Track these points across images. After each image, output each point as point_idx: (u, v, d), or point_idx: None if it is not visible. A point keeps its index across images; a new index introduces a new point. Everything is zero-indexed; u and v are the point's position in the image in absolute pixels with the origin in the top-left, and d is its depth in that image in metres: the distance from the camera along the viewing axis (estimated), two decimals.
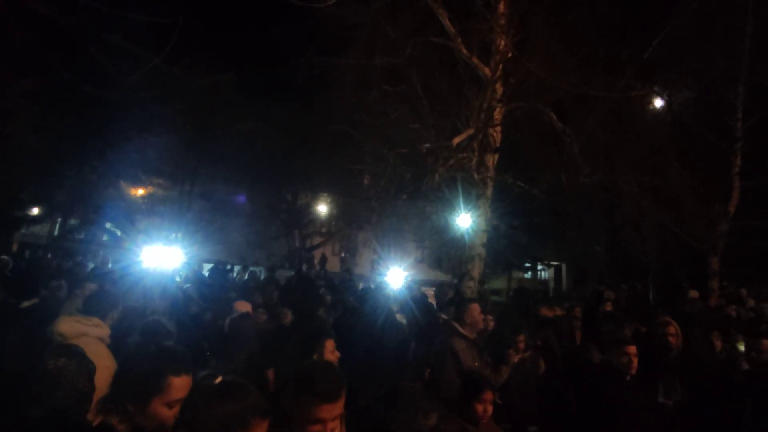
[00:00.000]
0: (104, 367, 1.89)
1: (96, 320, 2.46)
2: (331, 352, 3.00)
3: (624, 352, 3.17)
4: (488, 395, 2.77)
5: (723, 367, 4.35)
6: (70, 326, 2.31)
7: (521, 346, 4.22)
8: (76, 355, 1.77)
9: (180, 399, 1.59)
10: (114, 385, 1.62)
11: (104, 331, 2.46)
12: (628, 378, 3.17)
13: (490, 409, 2.78)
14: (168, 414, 1.57)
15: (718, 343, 4.65)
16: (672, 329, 4.36)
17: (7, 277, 7.35)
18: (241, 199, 20.58)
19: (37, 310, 3.64)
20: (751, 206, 11.28)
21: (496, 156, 9.82)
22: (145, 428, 1.55)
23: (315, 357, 2.95)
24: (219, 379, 1.48)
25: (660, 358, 4.05)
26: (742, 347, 4.79)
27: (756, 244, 11.19)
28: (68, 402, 1.63)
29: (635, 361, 3.16)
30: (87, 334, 2.33)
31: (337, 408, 1.74)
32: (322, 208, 22.67)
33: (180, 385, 1.60)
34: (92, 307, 2.59)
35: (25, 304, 3.73)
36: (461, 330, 4.13)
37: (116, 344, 2.49)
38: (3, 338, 2.65)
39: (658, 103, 11.14)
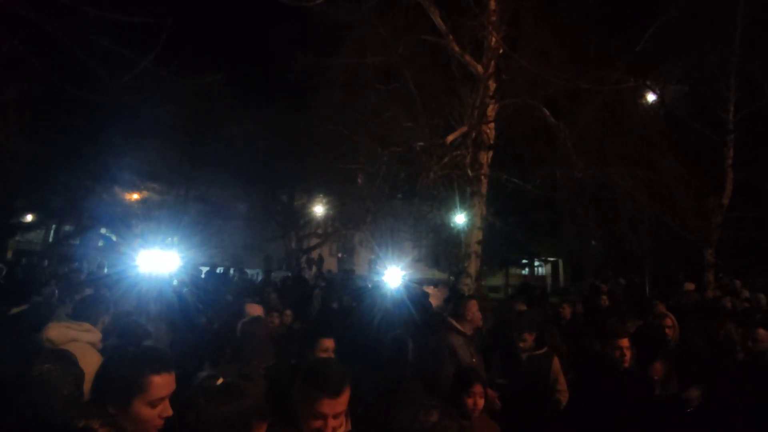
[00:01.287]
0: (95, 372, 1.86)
1: (87, 325, 2.43)
2: (324, 350, 2.99)
3: (616, 345, 3.18)
4: (477, 389, 2.82)
5: (719, 357, 4.36)
6: (59, 332, 2.28)
7: (526, 344, 4.15)
8: (62, 359, 1.73)
9: (163, 398, 1.56)
10: (94, 387, 1.59)
11: (95, 336, 2.43)
12: (622, 370, 3.17)
13: (480, 402, 2.82)
14: (151, 414, 1.54)
15: (722, 333, 4.64)
16: (669, 321, 4.38)
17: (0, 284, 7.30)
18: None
19: (24, 316, 3.57)
20: (744, 198, 11.35)
21: (490, 153, 9.83)
22: (128, 430, 1.51)
23: (311, 354, 2.95)
24: (220, 381, 1.46)
25: (657, 350, 4.05)
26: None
27: (750, 235, 11.26)
28: (53, 408, 1.59)
29: (628, 354, 3.16)
30: (77, 339, 2.30)
31: (339, 404, 1.75)
32: (318, 209, 22.62)
33: (161, 383, 1.56)
34: (83, 313, 2.56)
35: (14, 310, 3.64)
36: (459, 327, 4.13)
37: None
38: None
39: (651, 96, 11.17)
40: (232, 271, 12.92)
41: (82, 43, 4.42)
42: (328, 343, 3.04)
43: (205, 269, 12.73)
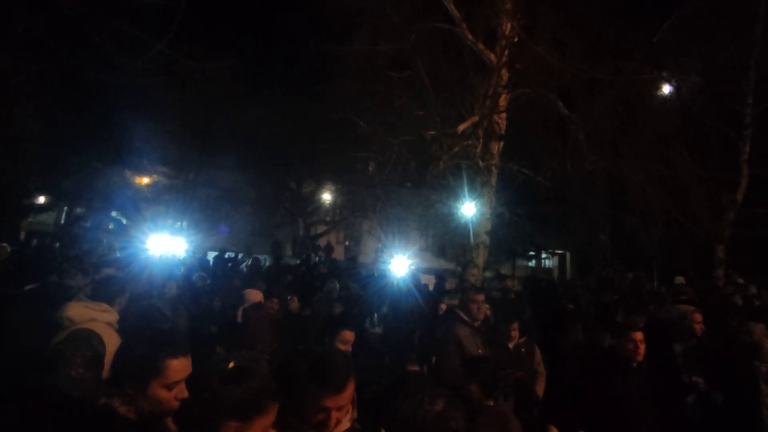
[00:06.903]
0: (113, 352, 1.89)
1: (104, 306, 2.48)
2: (343, 342, 3.02)
3: (629, 338, 3.17)
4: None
5: (734, 354, 4.30)
6: (78, 311, 2.32)
7: (515, 334, 4.30)
8: (76, 341, 1.76)
9: (179, 381, 1.61)
10: (113, 368, 1.65)
11: (113, 316, 2.47)
12: (635, 365, 3.16)
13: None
14: (168, 396, 1.59)
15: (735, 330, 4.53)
16: (698, 317, 4.27)
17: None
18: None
19: (40, 293, 3.60)
20: (759, 195, 11.18)
21: (501, 143, 9.75)
22: (145, 410, 1.57)
23: (329, 343, 2.98)
24: (231, 364, 1.49)
25: (670, 341, 4.03)
26: None
27: (763, 233, 11.10)
28: (66, 387, 1.64)
29: (642, 347, 3.14)
30: (96, 319, 2.35)
31: (343, 399, 1.75)
32: (327, 197, 22.66)
33: (178, 367, 1.61)
34: (102, 293, 2.61)
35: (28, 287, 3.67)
36: (465, 317, 4.15)
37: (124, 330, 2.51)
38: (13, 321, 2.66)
39: (666, 89, 10.95)
40: (240, 256, 13.02)
41: (98, 25, 4.44)
42: (349, 335, 3.07)
43: (213, 254, 12.87)
